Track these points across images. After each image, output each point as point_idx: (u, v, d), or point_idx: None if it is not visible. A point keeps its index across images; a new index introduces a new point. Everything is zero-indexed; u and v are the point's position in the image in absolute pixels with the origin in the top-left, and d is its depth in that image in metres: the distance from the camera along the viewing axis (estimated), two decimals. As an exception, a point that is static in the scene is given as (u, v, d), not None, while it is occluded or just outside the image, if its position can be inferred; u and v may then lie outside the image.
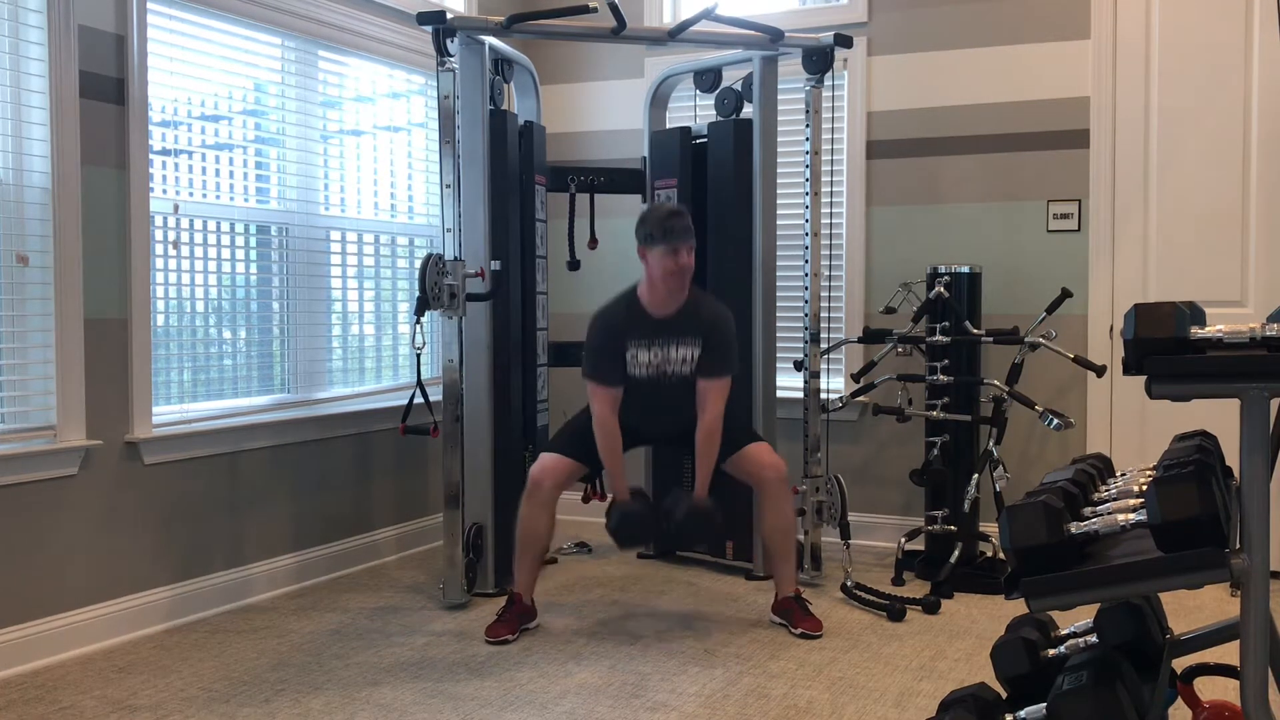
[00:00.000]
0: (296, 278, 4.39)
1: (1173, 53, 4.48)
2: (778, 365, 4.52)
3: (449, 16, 4.00)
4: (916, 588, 4.26)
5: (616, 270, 5.26)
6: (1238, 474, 1.85)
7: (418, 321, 3.85)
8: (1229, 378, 1.76)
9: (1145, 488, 2.00)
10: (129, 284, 3.65)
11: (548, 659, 3.49)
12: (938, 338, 4.34)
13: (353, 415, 4.57)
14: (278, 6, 4.17)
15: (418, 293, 3.82)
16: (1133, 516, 1.90)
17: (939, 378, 4.35)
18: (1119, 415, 4.60)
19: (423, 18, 3.97)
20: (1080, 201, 4.64)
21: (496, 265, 4.12)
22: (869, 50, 4.93)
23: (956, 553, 4.29)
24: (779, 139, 4.49)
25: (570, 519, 5.11)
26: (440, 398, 4.08)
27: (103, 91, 3.56)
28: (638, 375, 3.73)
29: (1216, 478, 1.84)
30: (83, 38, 3.48)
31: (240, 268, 4.21)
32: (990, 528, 4.33)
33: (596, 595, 4.20)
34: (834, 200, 4.98)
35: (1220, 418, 2.75)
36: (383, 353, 4.96)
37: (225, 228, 4.12)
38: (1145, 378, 1.79)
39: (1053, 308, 4.28)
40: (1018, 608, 3.74)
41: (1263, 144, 4.36)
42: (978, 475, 4.26)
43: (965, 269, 4.44)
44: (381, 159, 4.89)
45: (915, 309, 4.44)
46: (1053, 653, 2.21)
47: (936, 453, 4.42)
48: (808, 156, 4.32)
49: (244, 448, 4.08)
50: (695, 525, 3.66)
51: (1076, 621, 2.30)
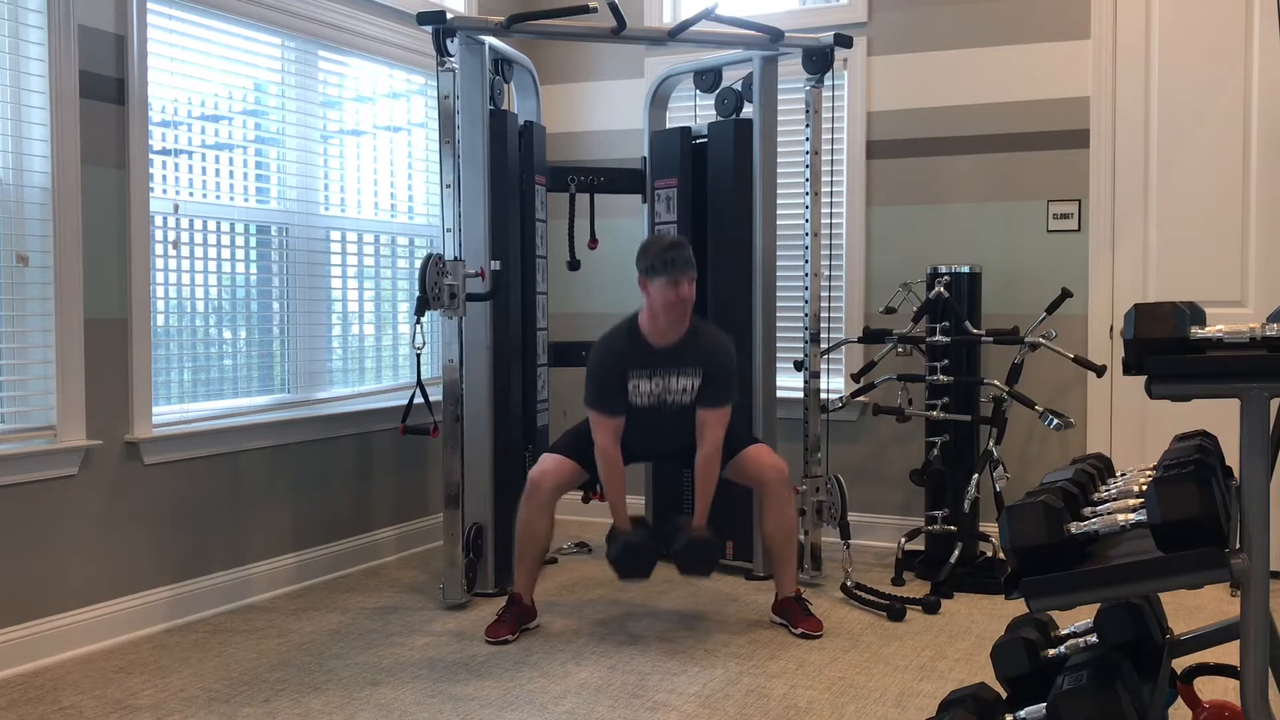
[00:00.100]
0: (296, 278, 4.39)
1: (1173, 53, 4.48)
2: (778, 365, 4.52)
3: (449, 16, 4.00)
4: (916, 588, 4.26)
5: (616, 270, 5.27)
6: (1238, 474, 1.85)
7: (418, 321, 3.85)
8: (1229, 378, 1.76)
9: (1145, 488, 2.00)
10: (129, 284, 3.65)
11: (548, 659, 3.49)
12: (938, 338, 4.34)
13: (353, 415, 4.57)
14: (278, 6, 4.17)
15: (418, 293, 3.82)
16: (1133, 516, 1.90)
17: (939, 378, 4.35)
18: (1119, 415, 4.60)
19: (423, 18, 3.97)
20: (1080, 201, 4.64)
21: (496, 265, 4.12)
22: (869, 50, 4.93)
23: (956, 553, 4.29)
24: (779, 139, 4.49)
25: (570, 519, 5.11)
26: (440, 398, 4.08)
27: (103, 91, 3.56)
28: (638, 404, 3.73)
29: (1216, 478, 1.84)
30: (83, 38, 3.48)
31: (240, 268, 4.21)
32: (990, 528, 4.34)
33: (596, 595, 4.19)
34: (834, 200, 4.98)
35: (1220, 418, 2.75)
36: (383, 353, 4.96)
37: (225, 228, 4.12)
38: (1145, 378, 1.79)
39: (1053, 308, 4.28)
40: (1018, 608, 3.74)
41: (1263, 144, 4.36)
42: (978, 475, 4.25)
43: (965, 269, 4.44)
44: (381, 159, 4.89)
45: (915, 309, 4.44)
46: (1053, 653, 2.21)
47: (936, 453, 4.42)
48: (808, 156, 4.32)
49: (244, 448, 4.08)
50: (695, 556, 3.66)
51: (1076, 621, 2.30)
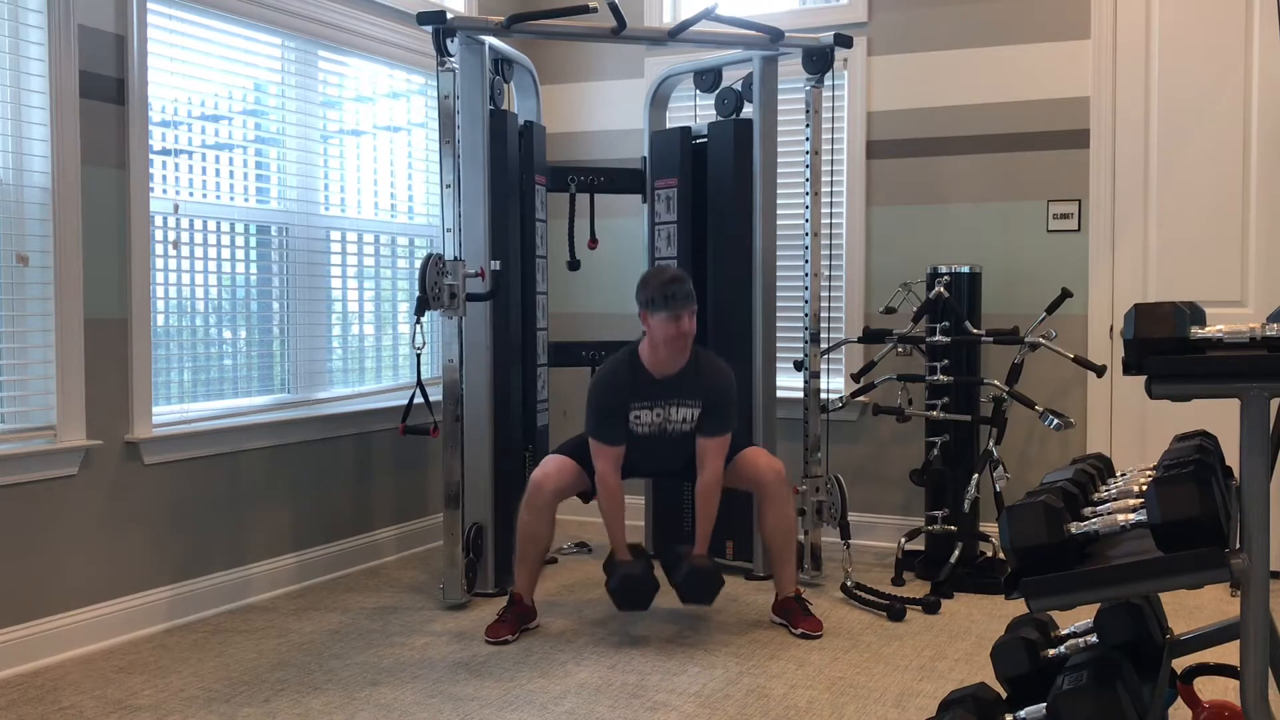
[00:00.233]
0: (296, 278, 4.39)
1: (1173, 53, 4.48)
2: (778, 365, 4.52)
3: (449, 16, 4.00)
4: (916, 588, 4.26)
5: (616, 270, 5.28)
6: (1238, 474, 1.85)
7: (418, 321, 3.85)
8: (1229, 378, 1.76)
9: (1145, 488, 2.00)
10: (129, 284, 3.65)
11: (548, 659, 3.49)
12: (938, 338, 4.34)
13: (353, 415, 4.57)
14: (278, 6, 4.17)
15: (418, 293, 3.81)
16: (1133, 516, 1.90)
17: (939, 378, 4.35)
18: (1119, 415, 4.60)
19: (423, 18, 3.97)
20: (1080, 201, 4.64)
21: (496, 265, 4.12)
22: (869, 50, 4.93)
23: (956, 553, 4.29)
24: (779, 139, 4.49)
25: (570, 519, 5.11)
26: (440, 398, 4.08)
27: (103, 91, 3.56)
28: (639, 432, 3.74)
29: (1216, 478, 1.84)
30: (83, 38, 3.48)
31: (240, 268, 4.21)
32: (990, 528, 4.34)
33: (596, 595, 4.19)
34: (834, 200, 4.98)
35: (1220, 418, 2.75)
36: (383, 353, 4.96)
37: (225, 228, 4.12)
38: (1145, 378, 1.79)
39: (1053, 308, 4.28)
40: (1018, 608, 3.74)
41: (1263, 144, 4.36)
42: (978, 475, 4.25)
43: (965, 269, 4.44)
44: (381, 159, 4.89)
45: (915, 309, 4.44)
46: (1053, 653, 2.21)
47: (936, 453, 4.42)
48: (808, 156, 4.32)
49: (244, 448, 4.08)
50: (696, 585, 3.65)
51: (1076, 621, 2.30)
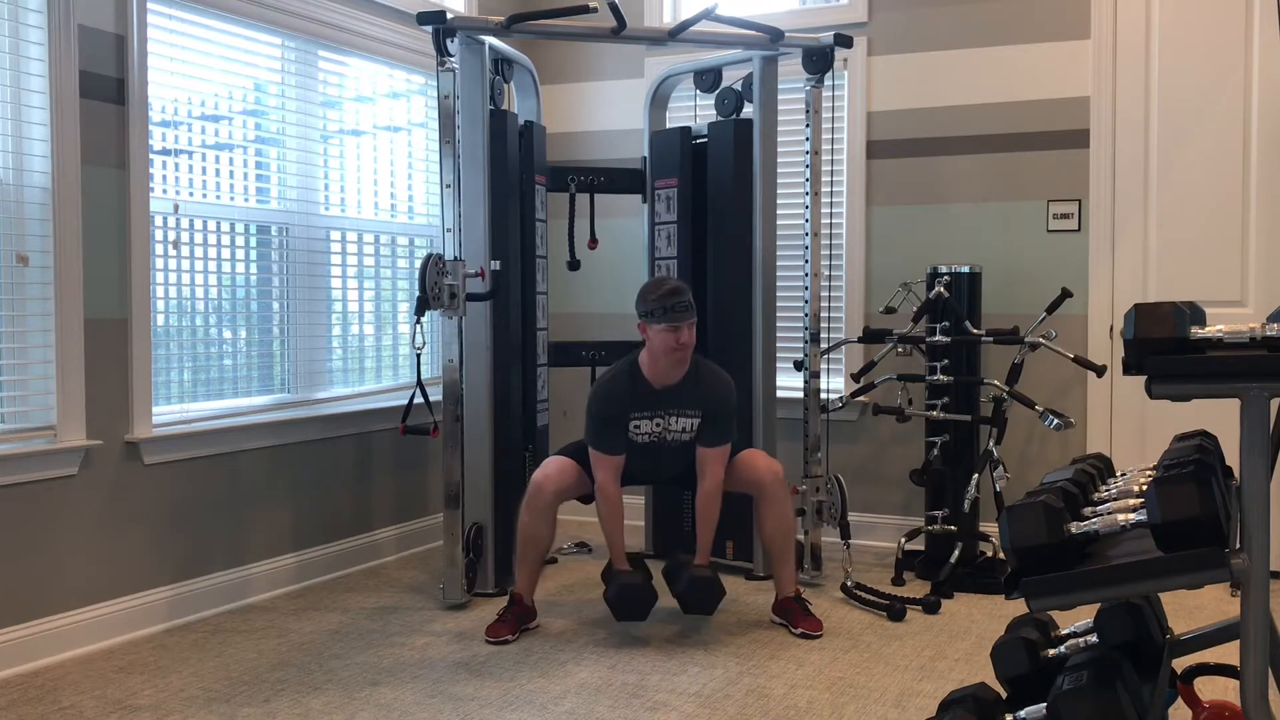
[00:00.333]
0: (296, 278, 4.39)
1: (1173, 53, 4.48)
2: (778, 365, 4.52)
3: (449, 16, 4.00)
4: (916, 588, 4.26)
5: (616, 270, 5.28)
6: (1238, 474, 1.85)
7: (418, 321, 3.85)
8: (1229, 378, 1.76)
9: (1145, 488, 2.00)
10: (129, 284, 3.65)
11: (548, 659, 3.49)
12: (938, 338, 4.34)
13: (353, 415, 4.57)
14: (278, 6, 4.17)
15: (418, 293, 3.81)
16: (1133, 516, 1.90)
17: (939, 378, 4.35)
18: (1119, 415, 4.60)
19: (423, 18, 3.97)
20: (1080, 201, 4.64)
21: (496, 265, 4.12)
22: (869, 50, 4.93)
23: (956, 553, 4.29)
24: (779, 139, 4.49)
25: (571, 519, 5.10)
26: (440, 398, 4.08)
27: (103, 91, 3.56)
28: (639, 441, 3.75)
29: (1216, 478, 1.84)
30: (83, 38, 3.48)
31: (240, 268, 4.21)
32: (990, 528, 4.34)
33: (596, 595, 4.19)
34: (834, 200, 4.98)
35: (1220, 418, 2.75)
36: (383, 353, 4.96)
37: (225, 228, 4.12)
38: (1145, 378, 1.79)
39: (1053, 308, 4.28)
40: (1018, 608, 3.74)
41: (1263, 144, 4.36)
42: (978, 475, 4.25)
43: (965, 269, 4.44)
44: (381, 159, 4.89)
45: (915, 309, 4.44)
46: (1053, 653, 2.21)
47: (936, 453, 4.42)
48: (808, 156, 4.32)
49: (244, 448, 4.08)
50: (698, 595, 3.66)
51: (1076, 621, 2.30)
